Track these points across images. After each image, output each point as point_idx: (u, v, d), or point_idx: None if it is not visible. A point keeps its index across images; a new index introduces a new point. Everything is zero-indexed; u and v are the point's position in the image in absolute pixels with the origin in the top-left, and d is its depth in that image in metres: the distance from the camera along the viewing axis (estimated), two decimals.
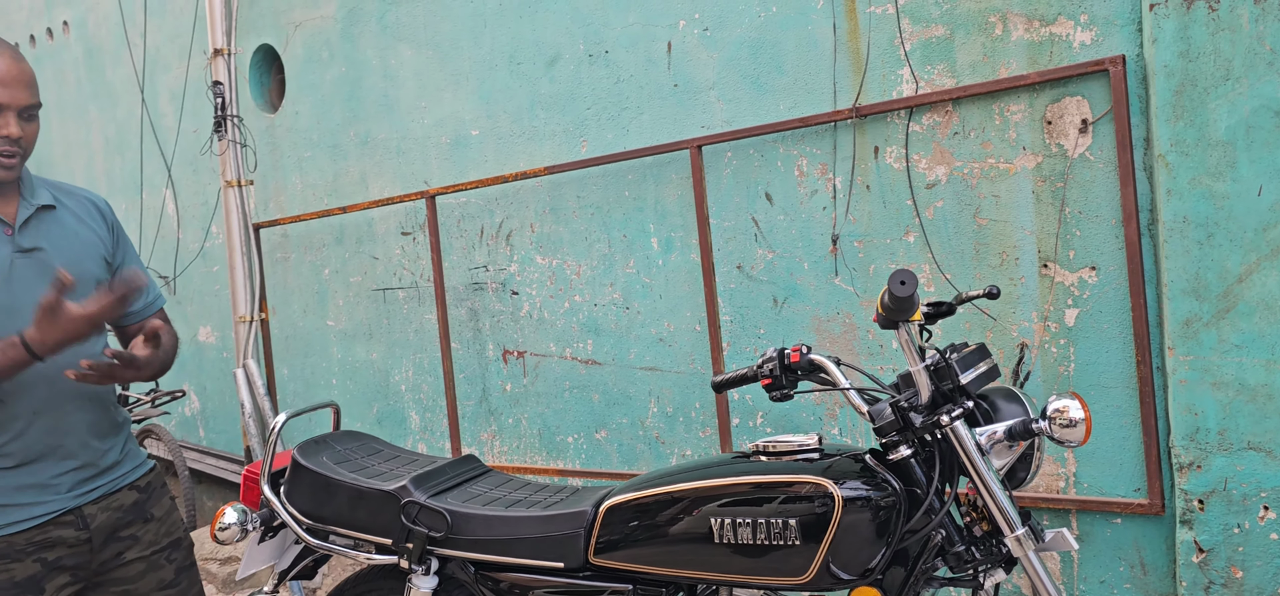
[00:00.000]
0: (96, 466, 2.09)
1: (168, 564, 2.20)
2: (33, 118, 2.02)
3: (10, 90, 1.95)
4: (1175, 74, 2.42)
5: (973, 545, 1.90)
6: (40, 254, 2.04)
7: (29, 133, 2.01)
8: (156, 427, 5.41)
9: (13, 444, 1.95)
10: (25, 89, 1.98)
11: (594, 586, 2.10)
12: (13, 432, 1.97)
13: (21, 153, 1.99)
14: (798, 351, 1.99)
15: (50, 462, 2.01)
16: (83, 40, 6.34)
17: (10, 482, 1.95)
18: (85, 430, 2.09)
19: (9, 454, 1.95)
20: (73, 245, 2.10)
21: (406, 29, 4.26)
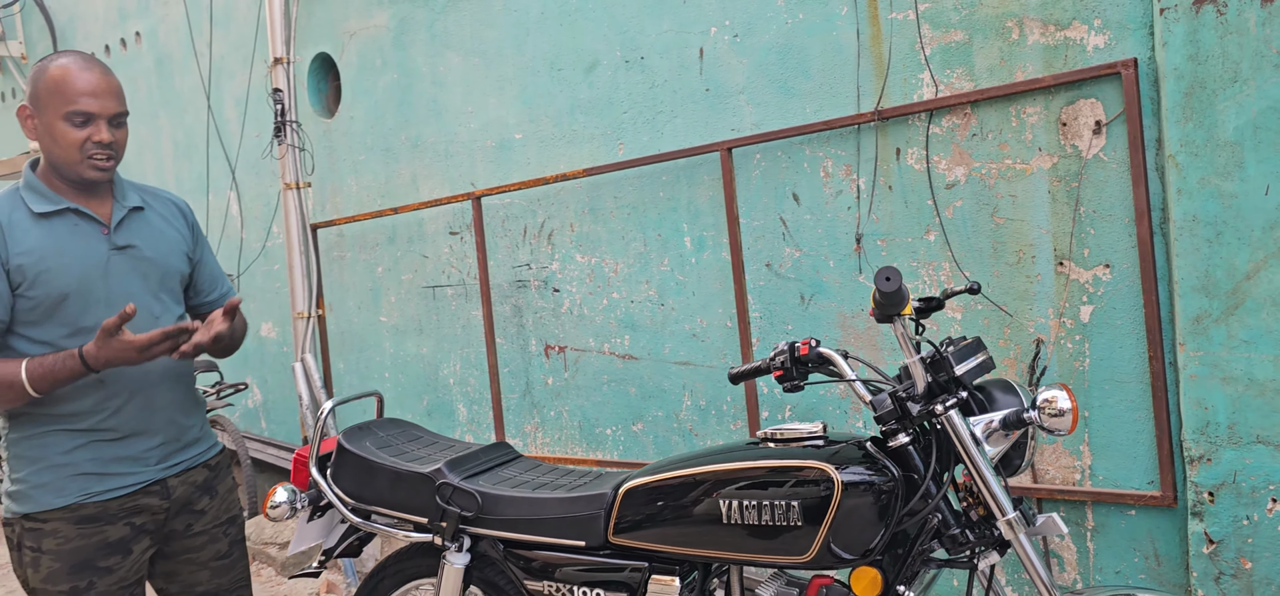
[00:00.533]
0: (180, 442, 2.35)
1: (224, 537, 2.43)
2: (122, 124, 2.25)
3: (101, 101, 2.18)
4: (1185, 76, 2.48)
5: (967, 528, 2.00)
6: (133, 251, 2.28)
7: (119, 138, 2.24)
8: (221, 418, 5.67)
9: (111, 419, 2.20)
10: (114, 99, 2.21)
11: (613, 563, 2.24)
12: (111, 409, 2.22)
13: (114, 156, 2.23)
14: (806, 345, 2.11)
15: (142, 437, 2.27)
16: (154, 50, 6.65)
17: (108, 454, 2.20)
18: (173, 408, 2.35)
19: (107, 429, 2.20)
20: (160, 243, 2.35)
21: (454, 37, 4.44)
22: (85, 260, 2.20)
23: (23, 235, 2.15)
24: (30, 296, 2.13)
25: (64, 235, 2.20)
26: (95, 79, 2.18)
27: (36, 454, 2.19)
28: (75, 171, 2.20)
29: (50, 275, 2.15)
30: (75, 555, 2.19)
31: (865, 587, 2.01)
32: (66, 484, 2.19)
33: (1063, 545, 2.88)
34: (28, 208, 2.18)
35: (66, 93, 2.15)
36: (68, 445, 2.19)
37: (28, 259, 2.13)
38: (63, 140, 2.17)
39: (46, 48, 7.78)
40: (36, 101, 2.19)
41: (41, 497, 2.19)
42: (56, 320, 2.16)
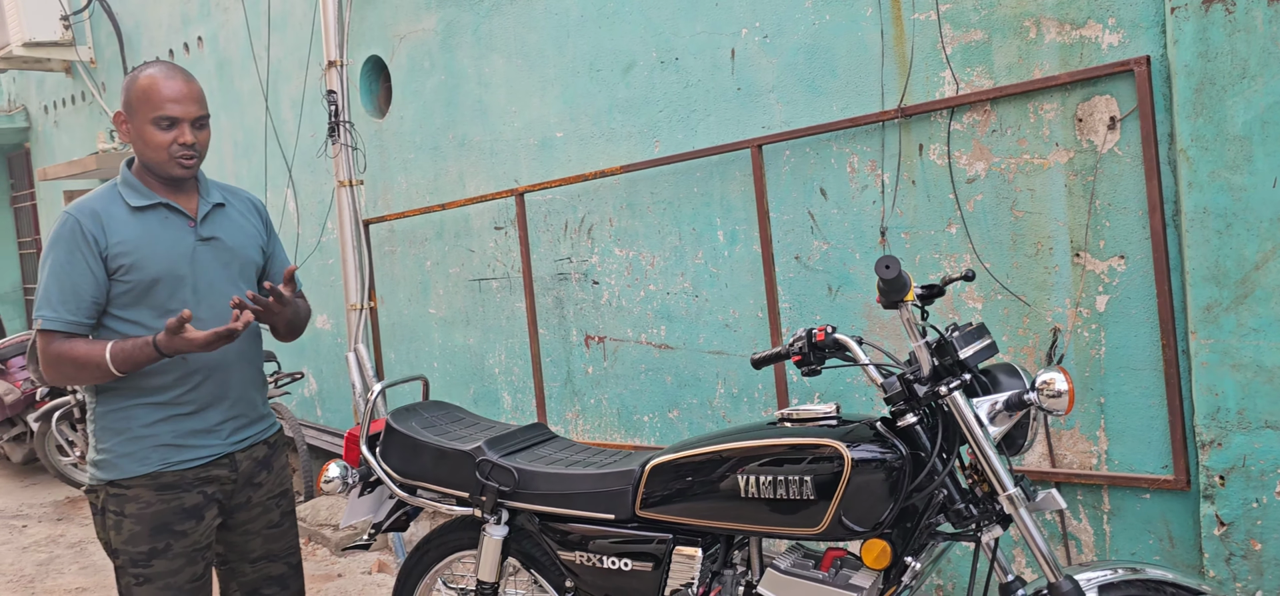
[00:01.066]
0: (247, 418, 2.59)
1: (276, 509, 2.67)
2: (204, 126, 2.48)
3: (184, 105, 2.41)
4: (1195, 73, 2.57)
5: (971, 503, 2.12)
6: (216, 242, 2.53)
7: (201, 139, 2.47)
8: (279, 406, 5.93)
9: (188, 395, 2.44)
10: (196, 103, 2.45)
11: (640, 535, 2.39)
12: (189, 385, 2.45)
13: (196, 156, 2.46)
14: (823, 332, 2.24)
15: (215, 412, 2.49)
16: (215, 54, 6.94)
17: (185, 428, 2.44)
18: (243, 387, 2.57)
19: (185, 403, 2.44)
20: (239, 236, 2.60)
21: (498, 40, 4.62)
22: (174, 250, 2.44)
23: (120, 227, 2.39)
24: (125, 281, 2.37)
25: (156, 227, 2.44)
26: (179, 86, 2.41)
27: (121, 426, 2.41)
28: (163, 170, 2.44)
29: (143, 263, 2.39)
30: (155, 519, 2.41)
31: (875, 558, 2.13)
32: (148, 453, 2.41)
33: (1080, 527, 2.97)
34: (124, 202, 2.43)
35: (154, 100, 2.38)
36: (149, 418, 2.41)
37: (123, 248, 2.37)
38: (152, 142, 2.40)
39: (114, 53, 8.13)
40: (129, 108, 2.43)
41: (126, 465, 2.41)
42: (147, 303, 2.40)
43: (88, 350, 2.32)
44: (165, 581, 2.43)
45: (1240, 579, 2.61)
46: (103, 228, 2.38)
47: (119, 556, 2.44)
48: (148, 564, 2.42)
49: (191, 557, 2.47)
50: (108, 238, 2.37)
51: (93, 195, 2.46)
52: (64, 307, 2.34)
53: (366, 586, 4.50)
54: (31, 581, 5.04)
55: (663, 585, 2.35)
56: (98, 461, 2.44)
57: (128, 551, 2.42)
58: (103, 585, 4.88)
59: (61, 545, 5.66)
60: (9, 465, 7.77)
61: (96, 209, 2.40)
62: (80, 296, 2.34)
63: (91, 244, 2.35)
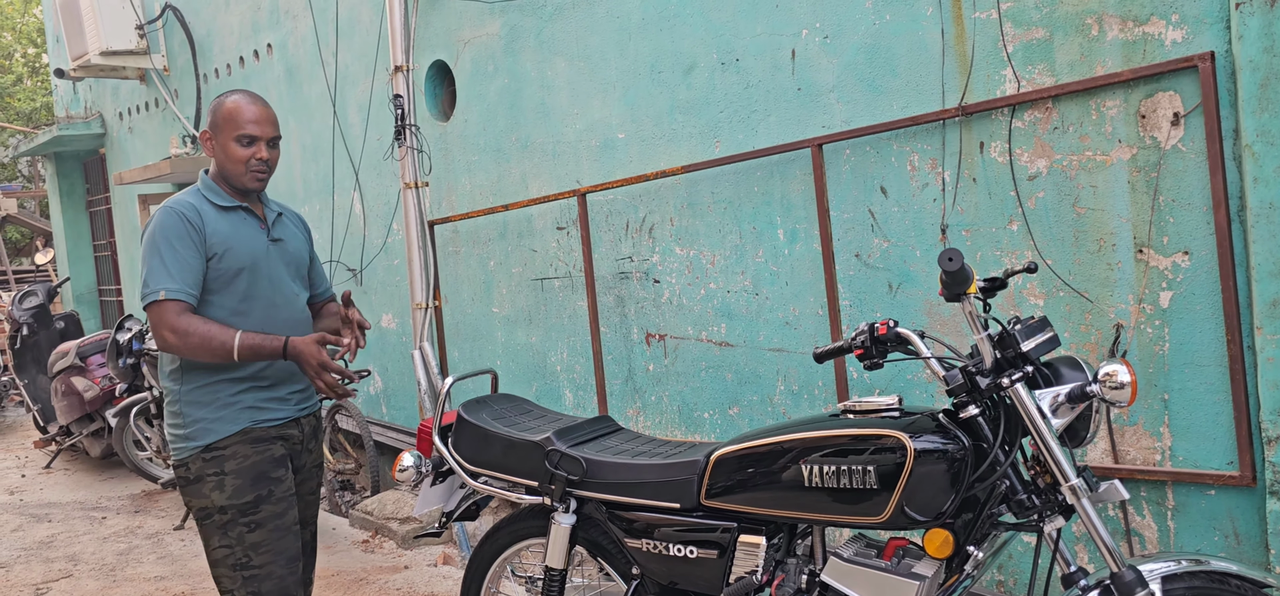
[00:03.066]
0: (307, 392, 2.92)
1: (314, 478, 3.01)
2: (276, 146, 2.83)
3: (261, 126, 2.77)
4: (1260, 68, 2.57)
5: (1033, 494, 2.15)
6: (282, 244, 2.89)
7: (273, 157, 2.82)
8: (346, 404, 6.09)
9: (268, 370, 2.78)
10: (271, 126, 2.81)
11: (705, 524, 2.45)
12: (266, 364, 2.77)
13: (269, 171, 2.81)
14: (885, 325, 2.28)
15: (285, 386, 2.84)
16: (284, 60, 7.14)
17: (263, 396, 2.78)
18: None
19: (262, 378, 2.77)
20: (295, 243, 2.97)
21: (560, 44, 4.72)
22: (254, 247, 2.79)
23: (213, 221, 2.73)
24: (218, 269, 2.70)
25: (239, 225, 2.78)
26: (258, 110, 2.78)
27: (210, 398, 2.71)
28: (239, 181, 2.77)
29: (233, 254, 2.72)
30: (253, 469, 2.72)
31: (938, 548, 2.18)
32: (238, 415, 2.72)
33: (1144, 524, 2.97)
34: (211, 202, 2.77)
35: (237, 120, 2.74)
36: (234, 389, 2.73)
37: (217, 239, 2.71)
38: (233, 156, 2.74)
39: (186, 61, 8.40)
40: (214, 127, 2.77)
41: (219, 428, 2.70)
42: (231, 290, 2.72)
43: (218, 330, 2.63)
44: (274, 523, 2.73)
45: None
46: (202, 220, 2.71)
47: (226, 513, 2.69)
48: (256, 509, 2.71)
49: (289, 502, 2.77)
50: (206, 229, 2.70)
51: (183, 196, 2.77)
52: (184, 281, 2.64)
53: (432, 578, 4.62)
54: (113, 570, 5.25)
55: (727, 572, 2.41)
56: (188, 433, 2.71)
57: (235, 504, 2.69)
58: (180, 573, 5.07)
59: (140, 536, 5.87)
60: (88, 459, 8.07)
61: (193, 204, 2.73)
62: (194, 273, 2.66)
63: (196, 232, 2.68)
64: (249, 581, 2.71)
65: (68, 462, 8.18)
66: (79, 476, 7.72)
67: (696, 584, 2.48)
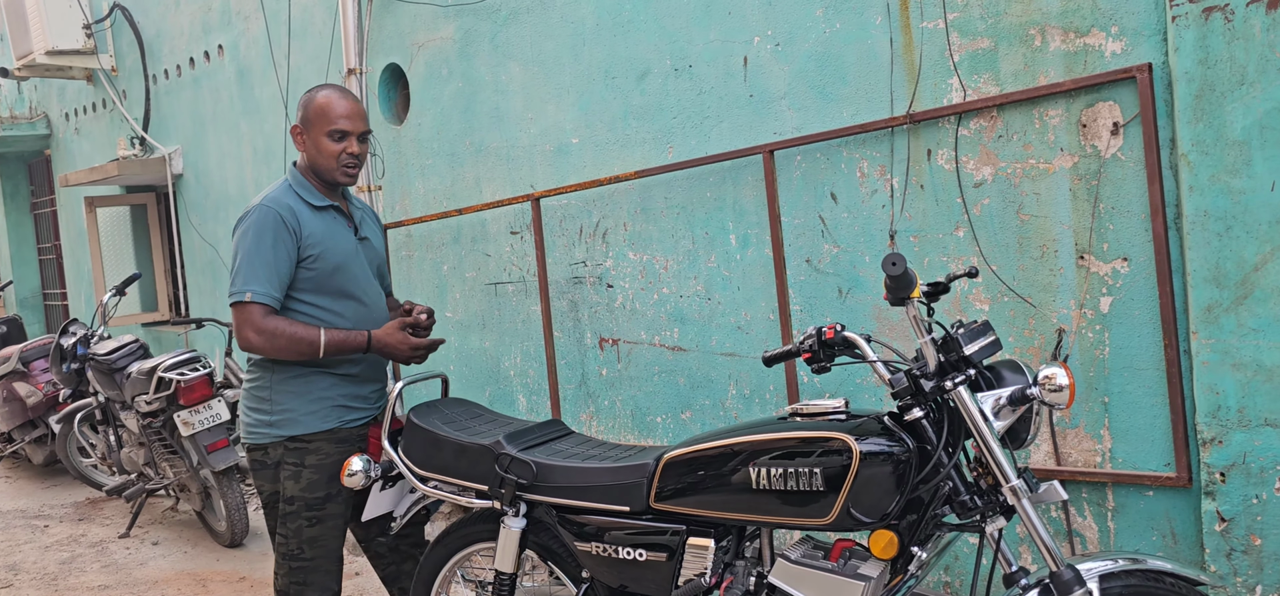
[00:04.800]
0: (383, 389, 3.08)
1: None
2: (365, 140, 2.95)
3: (353, 121, 2.87)
4: (1195, 80, 2.64)
5: (976, 495, 2.19)
6: (367, 243, 3.03)
7: (363, 152, 2.93)
8: None
9: (353, 368, 2.92)
10: (362, 121, 2.91)
11: (654, 527, 2.46)
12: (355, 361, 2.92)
13: (359, 165, 2.93)
14: (832, 329, 2.31)
15: (369, 383, 2.99)
16: (235, 62, 7.06)
17: (351, 392, 2.92)
18: (383, 366, 3.08)
19: (352, 375, 2.92)
20: (375, 241, 3.11)
21: (515, 48, 4.72)
22: (345, 246, 2.90)
23: (309, 221, 2.82)
24: (311, 269, 2.81)
25: (331, 224, 2.89)
26: (350, 105, 2.88)
27: (302, 389, 2.83)
28: (331, 175, 2.88)
29: (328, 253, 2.84)
30: (332, 468, 2.84)
31: (883, 549, 2.20)
32: (328, 412, 2.85)
33: (1085, 524, 3.03)
34: (305, 201, 2.84)
35: (330, 115, 2.83)
36: (326, 383, 2.86)
37: (313, 239, 2.81)
38: (325, 151, 2.84)
39: (135, 61, 8.27)
40: (305, 122, 2.88)
41: (309, 422, 2.82)
42: (326, 289, 2.84)
43: (304, 331, 2.76)
44: (333, 523, 2.87)
45: (1241, 573, 2.67)
46: (299, 220, 2.79)
47: (293, 504, 2.80)
48: (322, 507, 2.84)
49: (349, 502, 2.91)
50: (303, 229, 2.79)
51: (276, 192, 2.84)
52: (271, 285, 2.73)
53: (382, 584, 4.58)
54: (55, 579, 5.14)
55: (676, 575, 2.43)
56: (275, 420, 2.84)
57: (304, 497, 2.82)
58: (125, 583, 4.98)
59: (83, 544, 5.76)
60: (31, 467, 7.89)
61: (289, 204, 2.81)
62: (282, 276, 2.76)
63: (292, 233, 2.77)
64: (295, 572, 2.84)
65: (9, 470, 8.00)
66: (21, 484, 7.55)
67: (645, 586, 2.48)
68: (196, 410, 5.22)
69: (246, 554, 5.32)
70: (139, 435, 5.62)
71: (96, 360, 5.83)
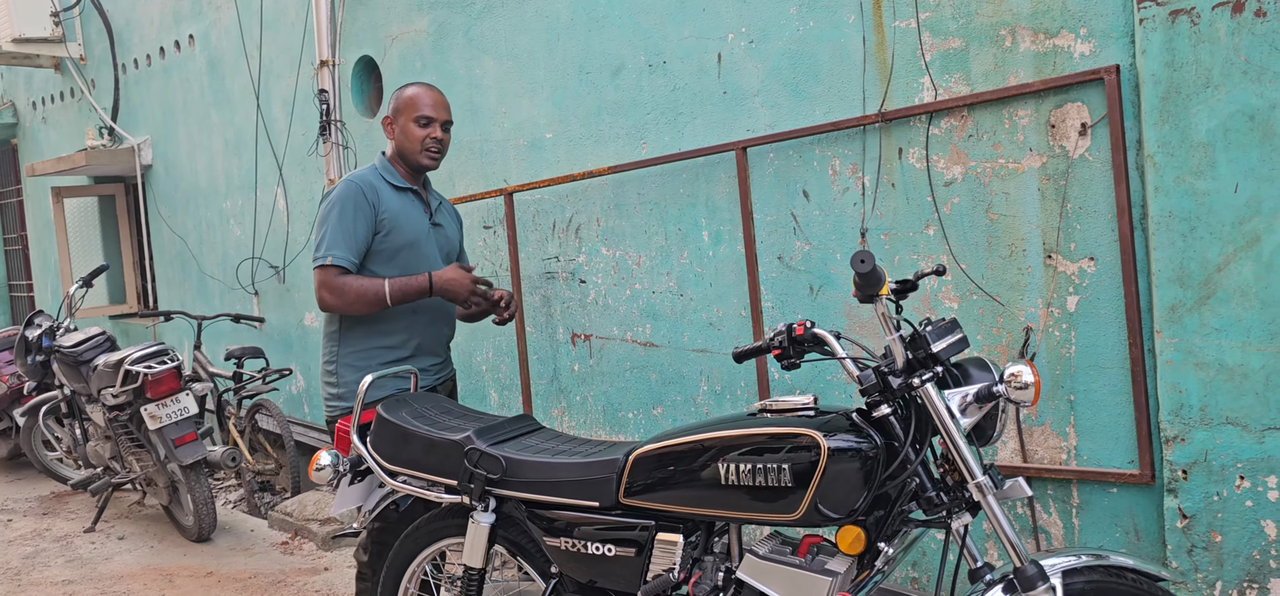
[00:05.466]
0: (442, 361, 3.34)
1: None
2: (448, 130, 3.24)
3: (437, 109, 3.20)
4: (1161, 82, 2.67)
5: (942, 491, 2.21)
6: (440, 229, 3.30)
7: (446, 140, 3.24)
8: (267, 403, 5.98)
9: (411, 340, 3.17)
10: (445, 111, 3.23)
11: (623, 522, 2.46)
12: (414, 331, 3.19)
13: (442, 152, 3.23)
14: (802, 326, 2.32)
15: (427, 356, 3.24)
16: (206, 52, 6.99)
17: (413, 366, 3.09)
18: (441, 338, 3.32)
19: (407, 345, 3.17)
20: (452, 232, 3.40)
21: (489, 42, 4.70)
22: (418, 226, 3.18)
23: (388, 199, 3.12)
24: (384, 243, 3.08)
25: (409, 206, 3.18)
26: (435, 97, 3.21)
27: (364, 364, 3.09)
28: (415, 159, 3.18)
29: (400, 230, 3.11)
30: None
31: (850, 544, 2.22)
32: (387, 382, 3.02)
33: (1051, 521, 3.07)
34: (387, 182, 3.15)
35: (417, 104, 3.17)
36: (385, 358, 3.12)
37: (389, 214, 3.09)
38: (411, 136, 3.15)
39: (104, 50, 8.16)
40: (395, 113, 3.20)
41: (372, 393, 2.93)
42: (395, 263, 3.10)
43: (370, 282, 3.02)
44: None
45: (1202, 570, 2.71)
46: (378, 196, 3.08)
47: None
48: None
49: None
50: (381, 204, 3.08)
51: (363, 172, 3.15)
52: (348, 249, 3.01)
53: (352, 579, 4.55)
54: (17, 574, 5.07)
55: (645, 570, 2.43)
56: (341, 393, 3.11)
57: None
58: (90, 578, 4.92)
59: (47, 539, 5.69)
60: None
61: (372, 182, 3.10)
62: (358, 242, 3.03)
63: (371, 206, 3.05)
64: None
65: None
66: None
67: (614, 582, 2.49)
68: (164, 403, 5.17)
69: (214, 548, 5.27)
70: (105, 428, 5.56)
71: (62, 352, 5.76)
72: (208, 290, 7.37)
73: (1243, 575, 2.66)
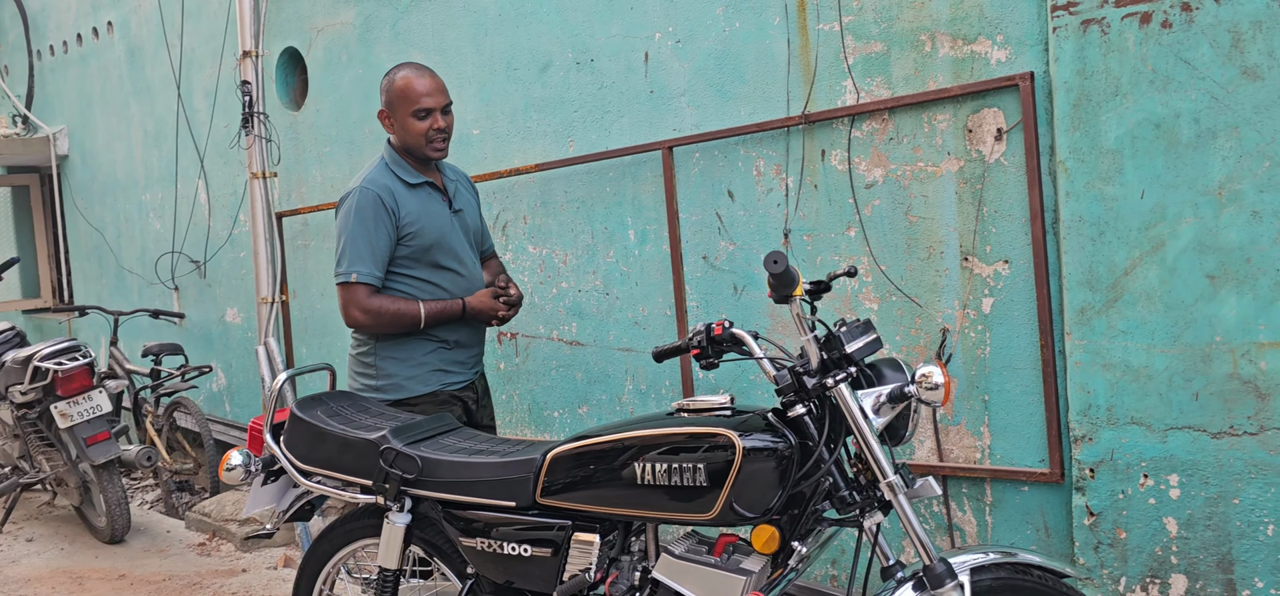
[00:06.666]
0: (480, 355, 3.25)
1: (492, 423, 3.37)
2: (449, 112, 3.07)
3: (435, 97, 3.00)
4: (1073, 89, 2.73)
5: (855, 491, 2.23)
6: (461, 215, 3.15)
7: (449, 123, 3.08)
8: (186, 401, 5.83)
9: (451, 335, 3.09)
10: (442, 94, 3.05)
11: (540, 522, 2.44)
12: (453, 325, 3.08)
13: (447, 137, 3.07)
14: (720, 326, 2.32)
15: (466, 349, 3.15)
16: (125, 40, 6.79)
17: (449, 358, 3.09)
18: (480, 333, 3.24)
19: (449, 342, 3.09)
20: (470, 210, 3.25)
21: (416, 36, 4.64)
22: (440, 221, 3.04)
23: (406, 200, 2.98)
24: (409, 245, 2.97)
25: (427, 201, 3.03)
26: (429, 81, 3.01)
27: (405, 356, 3.01)
28: (422, 152, 3.02)
29: (423, 230, 2.98)
30: None
31: (764, 543, 2.23)
32: (429, 376, 3.01)
33: (965, 519, 3.12)
34: (400, 179, 2.99)
35: (411, 96, 2.97)
36: (427, 349, 3.03)
37: (410, 217, 2.96)
38: (413, 131, 2.98)
39: (19, 36, 7.89)
40: (390, 106, 3.02)
41: (412, 386, 2.99)
42: (422, 263, 3.00)
43: (406, 306, 2.96)
44: None
45: (1107, 566, 2.78)
46: (396, 201, 2.95)
47: None
48: None
49: None
50: (400, 209, 2.95)
51: (374, 173, 3.00)
52: (374, 265, 2.93)
53: (271, 581, 4.46)
54: None
55: (561, 571, 2.41)
56: (381, 386, 3.03)
57: None
58: None
59: None
60: None
61: (387, 184, 2.97)
62: (382, 256, 2.94)
63: (391, 214, 2.93)
64: None
65: None
66: None
67: (531, 582, 2.46)
68: (75, 401, 5.01)
69: (128, 550, 5.12)
70: (13, 427, 5.37)
71: None
72: (126, 285, 7.17)
73: (1145, 571, 2.73)
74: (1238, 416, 2.57)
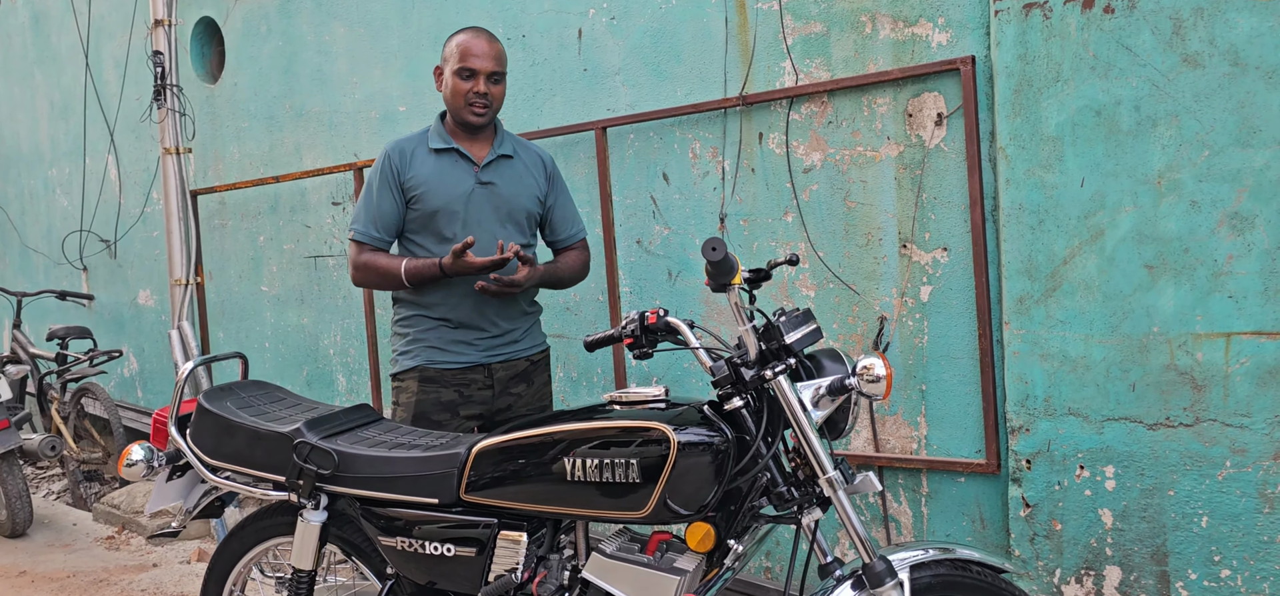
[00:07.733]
0: (501, 338, 2.95)
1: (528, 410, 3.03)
2: (498, 82, 2.89)
3: (483, 61, 2.84)
4: (1014, 74, 2.68)
5: (793, 486, 2.15)
6: (492, 187, 2.91)
7: (495, 92, 2.89)
8: (93, 386, 5.55)
9: (451, 312, 2.88)
10: (493, 61, 2.87)
11: (464, 520, 2.32)
12: (451, 304, 2.88)
13: (489, 106, 2.87)
14: (655, 314, 2.22)
15: (470, 329, 2.90)
16: (30, 6, 6.43)
17: (448, 337, 2.90)
18: (494, 312, 2.93)
19: (448, 319, 2.89)
20: (516, 186, 2.96)
21: (340, 7, 4.44)
22: (454, 189, 2.87)
23: (418, 164, 2.87)
24: (414, 210, 2.87)
25: (446, 168, 2.88)
26: (483, 45, 2.86)
27: (405, 330, 2.94)
28: (459, 114, 2.87)
29: (427, 196, 2.85)
30: (417, 406, 2.86)
31: (699, 541, 2.14)
32: (419, 352, 2.89)
33: (901, 510, 3.07)
34: (428, 145, 2.90)
35: (461, 53, 2.84)
36: (424, 325, 2.90)
37: (416, 182, 2.86)
38: (454, 90, 2.85)
39: None
40: (444, 61, 2.89)
41: (403, 361, 2.92)
42: (428, 230, 2.87)
43: (388, 262, 2.86)
44: None
45: (1042, 557, 2.75)
46: (406, 163, 2.87)
47: None
48: None
49: None
50: (406, 172, 2.86)
51: (410, 135, 2.96)
52: (371, 225, 2.87)
53: (184, 576, 4.26)
54: None
55: (486, 570, 2.29)
56: (392, 357, 2.98)
57: None
58: None
59: None
60: None
61: (405, 147, 2.90)
62: (383, 218, 2.87)
63: (395, 175, 2.86)
64: None
65: None
66: None
67: (454, 583, 2.34)
68: None
69: (30, 545, 4.86)
70: None
71: None
72: (30, 265, 6.82)
73: (1081, 563, 2.71)
74: (1174, 407, 2.56)
